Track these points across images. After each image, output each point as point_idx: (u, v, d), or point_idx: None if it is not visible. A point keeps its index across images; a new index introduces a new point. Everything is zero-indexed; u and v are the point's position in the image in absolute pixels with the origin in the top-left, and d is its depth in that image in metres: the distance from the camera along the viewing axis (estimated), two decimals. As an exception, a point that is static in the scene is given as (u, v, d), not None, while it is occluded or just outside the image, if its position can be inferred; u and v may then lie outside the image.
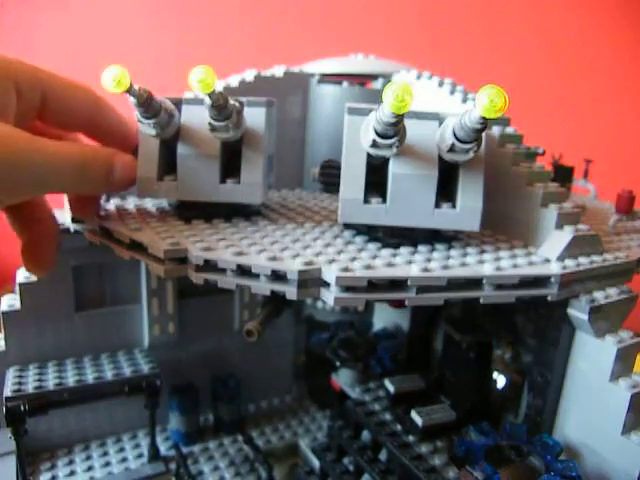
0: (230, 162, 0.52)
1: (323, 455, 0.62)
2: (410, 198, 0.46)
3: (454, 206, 0.46)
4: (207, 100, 0.44)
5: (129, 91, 0.42)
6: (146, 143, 0.50)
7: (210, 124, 0.48)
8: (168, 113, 0.48)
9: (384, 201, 0.46)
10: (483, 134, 0.44)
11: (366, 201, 0.46)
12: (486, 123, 0.39)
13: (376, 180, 0.47)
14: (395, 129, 0.42)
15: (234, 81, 0.67)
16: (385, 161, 0.46)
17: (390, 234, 0.49)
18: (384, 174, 0.47)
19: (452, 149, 0.44)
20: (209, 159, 0.50)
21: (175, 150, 0.50)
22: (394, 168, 0.45)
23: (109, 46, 1.35)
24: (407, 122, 0.44)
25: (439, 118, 0.46)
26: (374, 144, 0.43)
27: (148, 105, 0.45)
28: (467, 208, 0.46)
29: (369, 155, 0.46)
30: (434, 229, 0.49)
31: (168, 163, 0.51)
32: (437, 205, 0.46)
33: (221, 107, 0.46)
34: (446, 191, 0.47)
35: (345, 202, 0.46)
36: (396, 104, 0.36)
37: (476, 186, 0.46)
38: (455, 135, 0.42)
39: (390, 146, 0.43)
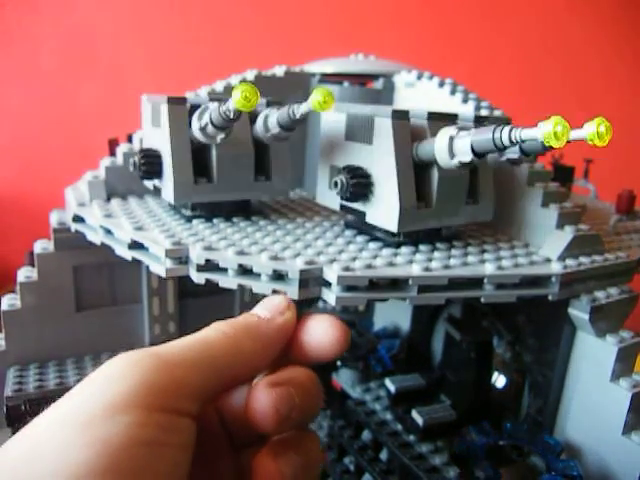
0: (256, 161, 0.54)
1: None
2: (450, 199, 0.48)
3: (475, 202, 0.50)
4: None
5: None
6: (178, 149, 0.50)
7: (279, 134, 0.50)
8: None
9: (427, 206, 0.47)
10: None
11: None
12: None
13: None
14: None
15: (235, 80, 0.67)
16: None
17: (390, 233, 0.49)
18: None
19: (471, 163, 0.43)
20: (244, 159, 0.52)
21: (206, 153, 0.51)
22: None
23: (109, 46, 1.35)
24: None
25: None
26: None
27: (238, 118, 0.45)
28: (485, 200, 0.50)
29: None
30: (434, 229, 0.49)
31: (199, 166, 0.52)
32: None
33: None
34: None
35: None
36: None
37: (489, 183, 0.48)
38: (474, 151, 0.42)
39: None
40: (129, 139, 0.64)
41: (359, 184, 0.47)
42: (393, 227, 0.46)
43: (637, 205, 0.73)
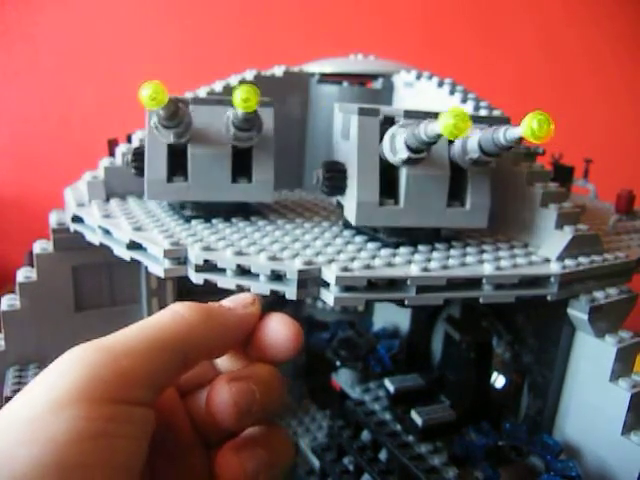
0: (238, 161, 0.52)
1: (323, 455, 0.62)
2: (423, 199, 0.46)
3: (462, 205, 0.48)
4: (240, 115, 0.45)
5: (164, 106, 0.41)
6: (154, 145, 0.50)
7: (235, 134, 0.48)
8: (187, 121, 0.48)
9: (396, 202, 0.47)
10: None
11: (381, 203, 0.46)
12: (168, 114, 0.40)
13: (385, 182, 0.47)
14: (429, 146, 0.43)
15: (234, 81, 0.67)
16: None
17: (390, 233, 0.49)
18: (393, 176, 0.47)
19: (477, 162, 0.44)
20: (220, 159, 0.50)
21: (183, 151, 0.50)
22: (409, 170, 0.46)
23: (109, 46, 1.35)
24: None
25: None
26: (408, 160, 0.44)
27: (175, 116, 0.45)
28: (476, 207, 0.47)
29: (381, 158, 0.46)
30: (434, 229, 0.49)
31: (176, 164, 0.51)
32: (448, 205, 0.47)
33: (251, 120, 0.46)
34: (455, 191, 0.48)
35: (361, 205, 0.46)
36: (454, 131, 0.35)
37: (484, 185, 0.47)
38: (482, 149, 0.42)
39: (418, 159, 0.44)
40: (128, 139, 0.64)
41: (332, 178, 0.48)
42: (352, 220, 0.47)
43: (637, 205, 0.73)
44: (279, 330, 0.32)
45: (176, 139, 0.48)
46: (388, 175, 0.47)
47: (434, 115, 0.43)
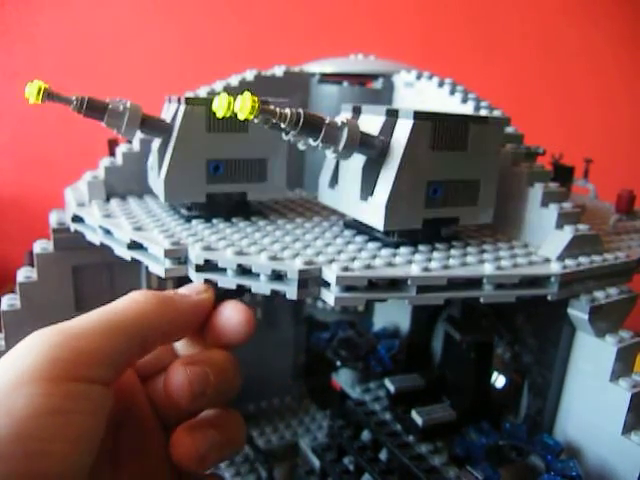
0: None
1: (323, 455, 0.62)
2: (346, 187, 0.49)
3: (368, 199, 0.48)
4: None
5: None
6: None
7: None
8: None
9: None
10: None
11: (330, 186, 0.51)
12: (268, 123, 0.39)
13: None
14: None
15: (234, 81, 0.67)
16: None
17: (390, 233, 0.49)
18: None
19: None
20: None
21: None
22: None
23: (109, 46, 1.35)
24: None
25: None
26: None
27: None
28: (376, 204, 0.47)
29: None
30: (434, 228, 0.49)
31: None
32: (363, 197, 0.48)
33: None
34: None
35: (319, 184, 0.53)
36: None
37: (387, 182, 0.46)
38: None
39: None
40: (129, 139, 0.64)
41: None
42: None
43: (637, 205, 0.73)
44: (232, 316, 0.35)
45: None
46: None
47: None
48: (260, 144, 0.55)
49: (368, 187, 0.47)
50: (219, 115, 0.37)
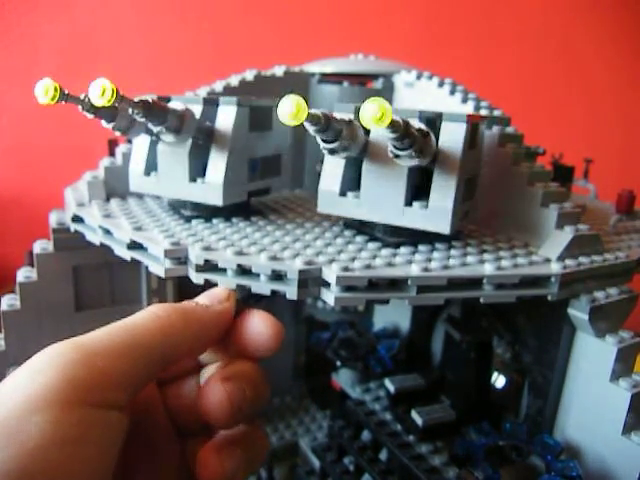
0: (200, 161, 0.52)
1: (323, 455, 0.62)
2: (380, 193, 0.46)
3: (426, 206, 0.46)
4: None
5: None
6: (139, 140, 0.51)
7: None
8: (129, 117, 0.48)
9: (358, 196, 0.47)
10: (433, 140, 0.44)
11: (342, 194, 0.48)
12: (397, 132, 0.38)
13: (355, 175, 0.48)
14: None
15: (235, 81, 0.67)
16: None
17: (390, 233, 0.49)
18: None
19: (395, 154, 0.44)
20: (179, 156, 0.51)
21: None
22: (367, 163, 0.46)
23: (109, 46, 1.35)
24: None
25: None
26: (330, 151, 0.44)
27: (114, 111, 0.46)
28: (437, 209, 0.45)
29: None
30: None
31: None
32: (408, 203, 0.46)
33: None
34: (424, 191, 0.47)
35: (323, 193, 0.48)
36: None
37: (448, 186, 0.45)
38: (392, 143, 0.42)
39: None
40: (129, 139, 0.64)
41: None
42: (318, 207, 0.49)
43: (637, 205, 0.73)
44: (262, 331, 0.33)
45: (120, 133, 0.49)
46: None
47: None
48: (279, 140, 0.57)
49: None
50: (296, 123, 0.35)
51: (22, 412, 0.23)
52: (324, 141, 0.42)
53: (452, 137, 0.44)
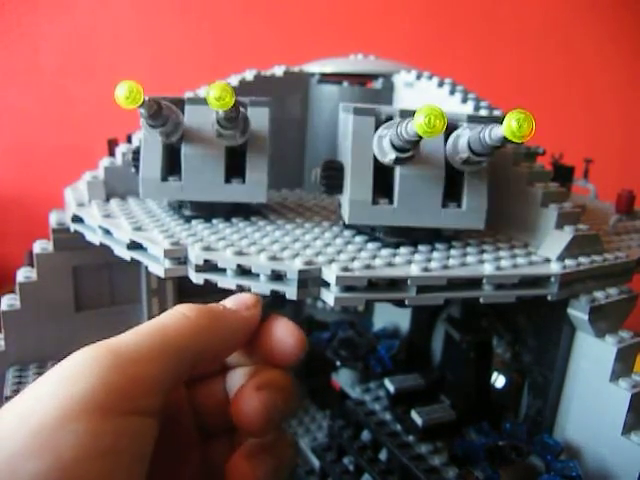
0: (233, 161, 0.52)
1: (323, 455, 0.62)
2: (417, 198, 0.46)
3: (459, 206, 0.47)
4: (220, 114, 0.44)
5: (141, 105, 0.41)
6: (149, 144, 0.50)
7: (217, 131, 0.48)
8: (175, 121, 0.48)
9: (391, 202, 0.46)
10: None
11: (374, 202, 0.46)
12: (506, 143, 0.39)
13: (382, 181, 0.47)
14: (414, 145, 0.42)
15: (234, 80, 0.67)
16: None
17: (390, 233, 0.49)
18: (390, 175, 0.47)
19: (467, 161, 0.44)
20: (214, 159, 0.50)
21: (179, 151, 0.50)
22: (402, 169, 0.46)
23: (109, 46, 1.35)
24: None
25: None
26: (397, 160, 0.44)
27: (157, 116, 0.45)
28: (473, 208, 0.47)
29: (375, 157, 0.46)
30: (434, 228, 0.49)
31: (172, 164, 0.51)
32: (444, 205, 0.46)
33: (232, 119, 0.46)
34: (452, 192, 0.47)
35: (354, 203, 0.46)
36: (427, 129, 0.36)
37: (481, 186, 0.47)
38: (471, 148, 0.42)
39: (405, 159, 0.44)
40: (128, 139, 0.64)
41: (330, 176, 0.49)
42: (346, 218, 0.48)
43: (637, 205, 0.73)
44: (287, 340, 0.32)
45: (164, 138, 0.48)
46: (386, 174, 0.47)
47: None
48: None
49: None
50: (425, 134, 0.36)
51: (57, 420, 0.22)
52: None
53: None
